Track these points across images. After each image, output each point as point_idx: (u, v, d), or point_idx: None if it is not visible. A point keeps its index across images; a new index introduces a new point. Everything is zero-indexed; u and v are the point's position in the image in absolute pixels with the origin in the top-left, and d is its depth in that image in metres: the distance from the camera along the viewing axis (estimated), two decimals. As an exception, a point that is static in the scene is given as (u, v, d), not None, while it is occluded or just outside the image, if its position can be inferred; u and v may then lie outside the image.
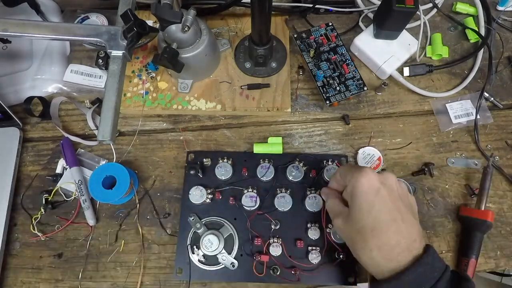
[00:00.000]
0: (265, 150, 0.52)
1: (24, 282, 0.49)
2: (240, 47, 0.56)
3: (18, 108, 0.55)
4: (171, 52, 0.44)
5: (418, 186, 0.51)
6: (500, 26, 0.61)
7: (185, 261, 0.47)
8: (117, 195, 0.47)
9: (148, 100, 0.54)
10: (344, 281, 0.46)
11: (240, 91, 0.54)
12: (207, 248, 0.46)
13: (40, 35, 0.44)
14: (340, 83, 0.53)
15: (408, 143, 0.54)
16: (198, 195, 0.49)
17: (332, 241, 0.47)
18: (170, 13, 0.43)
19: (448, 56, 0.58)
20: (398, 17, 0.50)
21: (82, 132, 0.56)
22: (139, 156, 0.54)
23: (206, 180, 0.51)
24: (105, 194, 0.47)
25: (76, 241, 0.50)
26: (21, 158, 0.54)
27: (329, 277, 0.46)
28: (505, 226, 0.50)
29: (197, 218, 0.48)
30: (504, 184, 0.52)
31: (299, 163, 0.50)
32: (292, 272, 0.46)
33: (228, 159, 0.51)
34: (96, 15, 0.60)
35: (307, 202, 0.48)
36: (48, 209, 0.51)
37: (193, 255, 0.47)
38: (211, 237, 0.46)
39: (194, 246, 0.47)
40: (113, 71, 0.43)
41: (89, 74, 0.57)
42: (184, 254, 0.47)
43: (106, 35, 0.44)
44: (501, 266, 0.48)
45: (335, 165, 0.50)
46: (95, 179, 0.48)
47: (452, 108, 0.55)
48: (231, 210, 0.49)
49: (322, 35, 0.56)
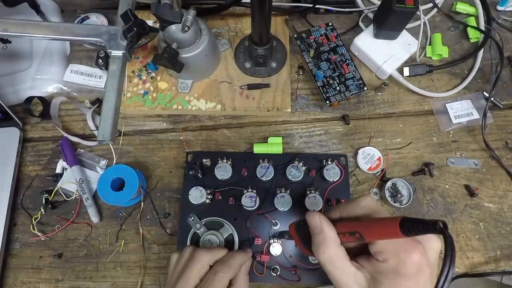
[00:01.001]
0: (265, 150, 0.52)
1: (24, 282, 0.49)
2: (240, 47, 0.56)
3: (18, 108, 0.55)
4: (171, 52, 0.44)
5: (418, 186, 0.51)
6: (500, 26, 0.61)
7: None
8: (127, 197, 0.47)
9: (148, 100, 0.54)
10: None
11: (240, 91, 0.54)
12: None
13: (40, 35, 0.44)
14: (340, 83, 0.53)
15: (408, 143, 0.54)
16: (197, 196, 0.49)
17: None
18: (170, 13, 0.43)
19: (448, 56, 0.58)
20: (398, 17, 0.50)
21: (82, 132, 0.56)
22: (139, 156, 0.54)
23: (206, 181, 0.51)
24: (114, 196, 0.47)
25: (76, 241, 0.50)
26: (21, 158, 0.54)
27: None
28: (505, 226, 0.50)
29: (197, 219, 0.48)
30: (504, 184, 0.52)
31: (299, 163, 0.50)
32: (292, 272, 0.46)
33: (228, 159, 0.51)
34: (96, 15, 0.60)
35: (307, 202, 0.48)
36: (48, 209, 0.51)
37: None
38: (211, 238, 0.46)
39: None
40: (113, 71, 0.43)
41: (89, 74, 0.57)
42: None
43: (106, 35, 0.44)
44: (501, 266, 0.48)
45: (334, 164, 0.50)
46: (104, 181, 0.48)
47: (452, 108, 0.55)
48: (231, 210, 0.49)
49: (322, 35, 0.56)
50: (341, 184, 0.50)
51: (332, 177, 0.49)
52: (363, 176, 0.52)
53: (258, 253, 0.46)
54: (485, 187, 0.51)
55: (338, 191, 0.50)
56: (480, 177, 0.52)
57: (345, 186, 0.50)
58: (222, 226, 0.48)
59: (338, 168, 0.50)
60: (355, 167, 0.53)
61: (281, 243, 0.47)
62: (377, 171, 0.52)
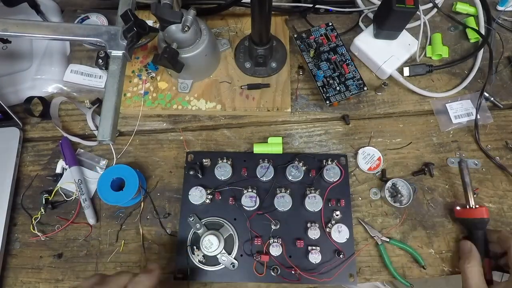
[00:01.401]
0: (265, 150, 0.52)
1: (24, 282, 0.49)
2: (240, 47, 0.56)
3: (18, 108, 0.55)
4: (171, 52, 0.44)
5: (418, 186, 0.51)
6: (500, 26, 0.61)
7: (185, 262, 0.47)
8: (127, 197, 0.47)
9: (148, 100, 0.54)
10: (345, 281, 0.46)
11: (240, 91, 0.54)
12: (207, 248, 0.46)
13: (40, 35, 0.44)
14: (340, 83, 0.53)
15: (408, 143, 0.54)
16: (197, 196, 0.49)
17: (332, 240, 0.47)
18: (170, 13, 0.43)
19: (448, 56, 0.58)
20: (398, 17, 0.50)
21: (82, 132, 0.56)
22: (139, 156, 0.54)
23: (206, 181, 0.51)
24: (114, 196, 0.48)
25: (76, 241, 0.50)
26: (21, 158, 0.54)
27: (329, 276, 0.46)
28: (505, 226, 0.50)
29: (197, 219, 0.48)
30: (504, 184, 0.52)
31: (299, 163, 0.50)
32: (292, 272, 0.46)
33: (228, 160, 0.51)
34: (96, 15, 0.60)
35: (307, 202, 0.48)
36: (48, 209, 0.51)
37: (193, 256, 0.47)
38: (211, 238, 0.46)
39: (194, 246, 0.47)
40: (113, 71, 0.43)
41: (89, 74, 0.57)
42: (184, 255, 0.47)
43: (106, 35, 0.44)
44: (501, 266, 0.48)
45: (334, 164, 0.50)
46: (104, 181, 0.48)
47: (452, 108, 0.55)
48: (231, 210, 0.49)
49: (322, 35, 0.56)
50: (341, 184, 0.50)
51: (332, 177, 0.49)
52: (363, 176, 0.52)
53: (258, 253, 0.46)
54: (485, 187, 0.51)
55: (338, 191, 0.50)
56: (480, 177, 0.52)
57: (345, 186, 0.50)
58: (222, 226, 0.48)
59: (338, 168, 0.50)
60: (355, 167, 0.53)
61: (281, 243, 0.47)
62: (377, 171, 0.52)
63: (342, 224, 0.47)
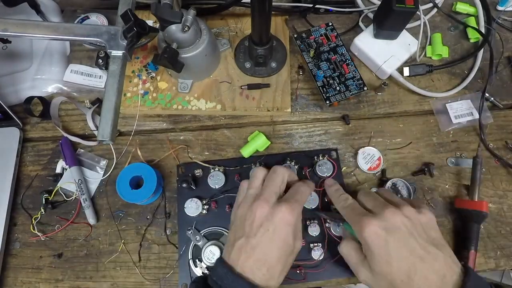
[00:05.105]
0: (253, 149, 0.52)
1: (24, 282, 0.49)
2: (240, 47, 0.56)
3: (18, 108, 0.55)
4: (171, 52, 0.44)
5: (418, 186, 0.51)
6: (500, 26, 0.61)
7: (188, 276, 0.46)
8: (145, 195, 0.47)
9: (148, 100, 0.54)
10: (350, 274, 0.46)
11: (240, 91, 0.54)
12: (209, 259, 0.45)
13: (40, 35, 0.44)
14: (340, 83, 0.53)
15: (408, 143, 0.54)
16: (193, 208, 0.48)
17: (333, 235, 0.47)
18: (170, 13, 0.43)
19: (448, 56, 0.58)
20: (398, 17, 0.50)
21: (82, 132, 0.56)
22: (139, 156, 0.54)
23: (200, 191, 0.50)
24: (133, 194, 0.47)
25: (76, 241, 0.50)
26: (21, 158, 0.54)
27: (334, 272, 0.46)
28: (505, 226, 0.50)
29: (196, 231, 0.47)
30: (504, 184, 0.52)
31: (291, 162, 0.50)
32: (297, 271, 0.46)
33: (220, 167, 0.51)
34: (96, 15, 0.60)
35: (305, 201, 0.48)
36: (48, 209, 0.51)
37: (196, 269, 0.47)
38: (213, 248, 0.46)
39: (196, 259, 0.47)
40: (113, 71, 0.43)
41: (89, 74, 0.57)
42: (187, 269, 0.47)
43: (106, 35, 0.44)
44: (501, 266, 0.48)
45: (326, 159, 0.50)
46: (123, 179, 0.48)
47: (452, 108, 0.55)
48: (228, 218, 0.48)
49: (322, 35, 0.56)
50: (334, 179, 0.50)
51: (325, 172, 0.50)
52: (363, 176, 0.52)
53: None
54: (485, 187, 0.51)
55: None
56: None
57: (339, 179, 0.50)
58: (222, 235, 0.48)
59: (330, 162, 0.50)
60: (355, 167, 0.53)
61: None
62: (377, 171, 0.52)
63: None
